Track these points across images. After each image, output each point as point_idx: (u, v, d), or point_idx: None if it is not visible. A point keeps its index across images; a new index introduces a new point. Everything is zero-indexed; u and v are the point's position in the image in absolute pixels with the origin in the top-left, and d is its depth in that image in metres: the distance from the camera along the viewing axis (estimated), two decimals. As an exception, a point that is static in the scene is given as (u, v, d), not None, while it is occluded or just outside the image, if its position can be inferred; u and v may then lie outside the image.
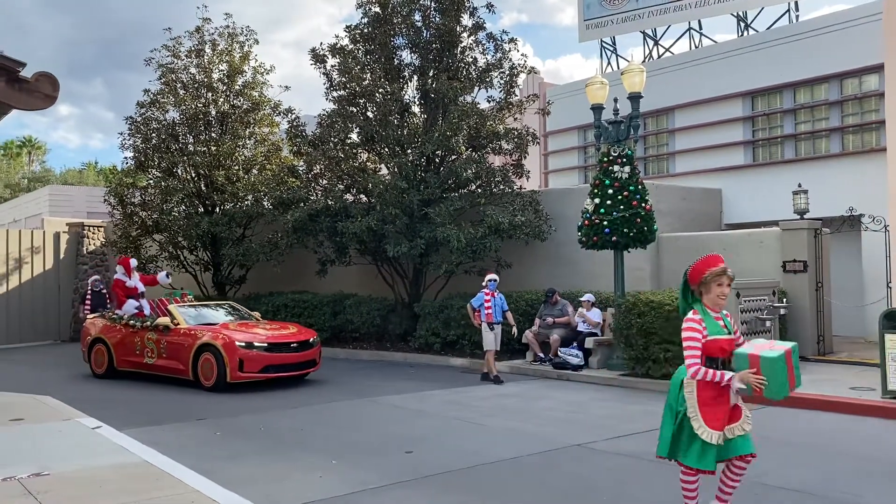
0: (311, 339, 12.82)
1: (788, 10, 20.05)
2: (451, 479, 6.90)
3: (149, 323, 13.15)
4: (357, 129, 16.97)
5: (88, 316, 15.49)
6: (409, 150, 16.20)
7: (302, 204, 16.91)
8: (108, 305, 17.17)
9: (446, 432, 8.87)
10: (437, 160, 16.61)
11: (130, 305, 14.24)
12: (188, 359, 12.28)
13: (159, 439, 8.34)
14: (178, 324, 12.79)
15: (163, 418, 9.87)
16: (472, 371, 13.93)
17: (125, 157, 20.10)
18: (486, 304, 12.78)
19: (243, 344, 11.90)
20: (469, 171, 15.72)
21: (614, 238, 12.50)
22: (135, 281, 14.75)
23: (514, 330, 13.39)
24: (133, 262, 15.17)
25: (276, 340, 12.30)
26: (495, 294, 12.94)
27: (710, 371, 4.91)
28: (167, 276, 15.24)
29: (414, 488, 6.61)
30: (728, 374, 4.88)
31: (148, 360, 13.03)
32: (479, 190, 16.31)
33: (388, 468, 7.24)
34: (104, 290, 18.14)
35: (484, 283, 13.08)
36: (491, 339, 12.83)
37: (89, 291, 18.02)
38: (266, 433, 8.97)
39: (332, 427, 9.24)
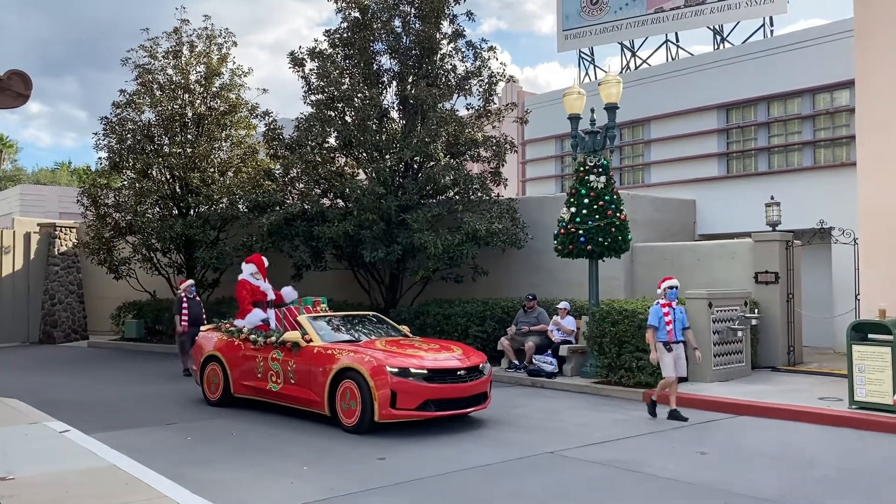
0: (482, 365, 9.73)
1: (763, 25, 20.38)
2: (424, 485, 6.89)
3: (274, 338, 10.35)
4: (335, 134, 16.93)
5: (182, 326, 14.28)
6: (387, 156, 16.20)
7: (278, 207, 16.81)
8: (205, 316, 14.84)
9: (419, 439, 8.86)
10: (415, 166, 16.63)
11: (256, 316, 11.12)
12: (323, 387, 9.41)
13: (129, 444, 8.23)
14: (311, 340, 9.98)
15: (133, 422, 9.75)
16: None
17: (99, 158, 20.01)
18: (665, 320, 10.00)
19: (396, 370, 8.95)
20: (447, 178, 15.76)
21: (589, 247, 12.59)
22: (266, 285, 11.72)
23: (698, 354, 10.30)
24: (265, 262, 12.06)
25: (438, 366, 9.29)
26: (674, 304, 10.19)
27: None
28: (293, 290, 11.95)
29: (386, 495, 6.59)
30: None
31: (272, 385, 10.25)
32: (457, 197, 16.35)
33: (361, 475, 7.21)
34: (198, 298, 15.34)
35: (660, 292, 10.21)
36: (670, 363, 9.94)
37: (185, 298, 14.85)
38: (237, 439, 8.90)
39: (303, 433, 9.17)
